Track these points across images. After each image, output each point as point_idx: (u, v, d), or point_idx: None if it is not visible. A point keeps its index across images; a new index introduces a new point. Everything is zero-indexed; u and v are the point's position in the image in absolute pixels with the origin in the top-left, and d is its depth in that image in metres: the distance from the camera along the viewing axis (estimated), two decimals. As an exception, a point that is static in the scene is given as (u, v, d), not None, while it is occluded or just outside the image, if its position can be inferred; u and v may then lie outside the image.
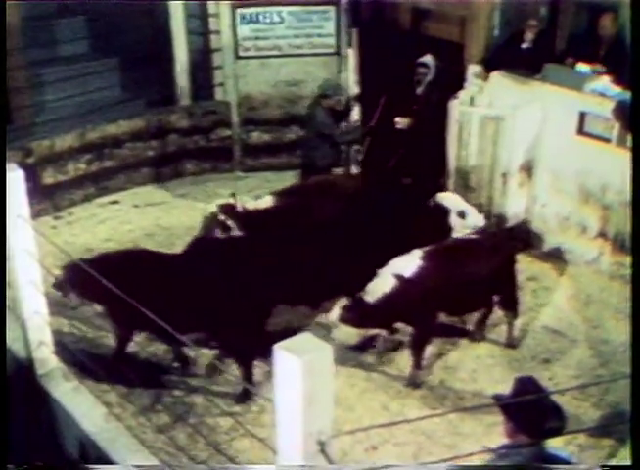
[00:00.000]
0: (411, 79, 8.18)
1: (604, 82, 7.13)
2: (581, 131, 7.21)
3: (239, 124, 10.07)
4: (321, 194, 7.36)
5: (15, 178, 4.82)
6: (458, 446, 5.45)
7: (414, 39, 8.46)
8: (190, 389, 6.10)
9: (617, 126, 6.89)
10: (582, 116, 7.15)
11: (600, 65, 7.33)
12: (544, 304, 7.18)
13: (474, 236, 6.57)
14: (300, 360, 2.79)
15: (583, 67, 7.37)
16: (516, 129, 7.48)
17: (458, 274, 6.11)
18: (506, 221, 7.78)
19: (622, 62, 6.61)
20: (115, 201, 9.44)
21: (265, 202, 7.20)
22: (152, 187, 9.73)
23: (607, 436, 5.46)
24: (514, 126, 7.47)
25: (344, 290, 6.13)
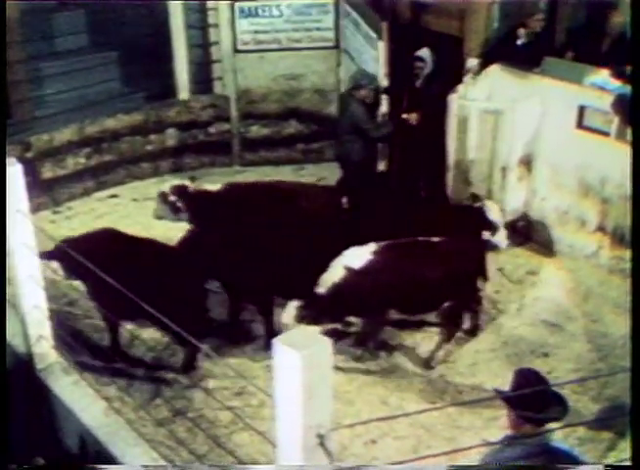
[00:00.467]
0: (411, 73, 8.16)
1: (603, 76, 7.12)
2: (581, 125, 7.19)
3: (238, 118, 10.06)
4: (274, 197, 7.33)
5: (14, 172, 4.82)
6: (457, 440, 5.48)
7: (414, 33, 8.42)
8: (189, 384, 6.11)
9: (617, 120, 6.88)
10: (582, 109, 7.14)
11: (602, 59, 7.30)
12: (543, 297, 7.18)
13: (437, 239, 6.27)
14: (300, 354, 2.79)
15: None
16: (515, 123, 7.47)
17: (410, 273, 6.01)
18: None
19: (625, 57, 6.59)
20: (114, 195, 9.45)
21: (217, 186, 7.32)
22: (151, 181, 9.70)
23: (606, 429, 5.47)
24: (513, 120, 7.46)
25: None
